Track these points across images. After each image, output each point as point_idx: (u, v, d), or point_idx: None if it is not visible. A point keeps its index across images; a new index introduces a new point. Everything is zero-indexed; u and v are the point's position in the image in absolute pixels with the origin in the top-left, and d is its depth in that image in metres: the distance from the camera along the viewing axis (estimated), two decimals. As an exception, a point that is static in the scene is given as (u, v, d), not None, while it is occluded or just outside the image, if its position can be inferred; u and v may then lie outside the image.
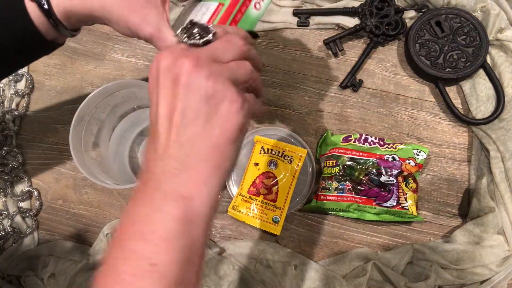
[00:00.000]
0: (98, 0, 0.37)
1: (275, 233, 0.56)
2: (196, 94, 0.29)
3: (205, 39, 0.31)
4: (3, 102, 0.63)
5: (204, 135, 0.29)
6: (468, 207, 0.57)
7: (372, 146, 0.57)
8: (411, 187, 0.55)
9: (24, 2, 0.37)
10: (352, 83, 0.60)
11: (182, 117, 0.29)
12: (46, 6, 0.37)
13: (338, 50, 0.60)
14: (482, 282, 0.53)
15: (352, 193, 0.55)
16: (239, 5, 0.37)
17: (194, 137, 0.29)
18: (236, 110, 0.29)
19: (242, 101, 0.30)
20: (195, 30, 0.32)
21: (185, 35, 0.32)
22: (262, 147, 0.59)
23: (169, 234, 0.28)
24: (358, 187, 0.55)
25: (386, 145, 0.57)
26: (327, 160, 0.57)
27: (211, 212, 0.30)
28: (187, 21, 0.33)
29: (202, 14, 0.39)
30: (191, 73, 0.29)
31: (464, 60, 0.57)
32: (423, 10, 0.60)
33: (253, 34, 0.36)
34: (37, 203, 0.60)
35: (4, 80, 0.63)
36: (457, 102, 0.59)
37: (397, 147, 0.56)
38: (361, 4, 0.61)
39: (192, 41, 0.31)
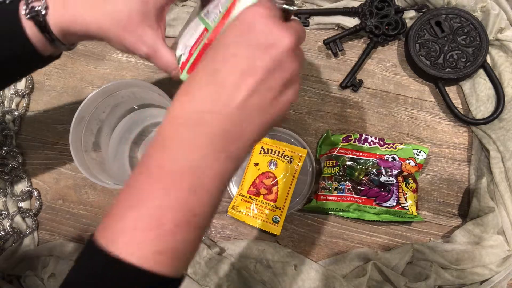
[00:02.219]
0: (94, 22, 0.37)
1: (275, 233, 0.56)
2: (282, 74, 0.30)
3: (295, 8, 0.31)
4: (3, 102, 0.63)
5: (265, 109, 0.30)
6: (468, 207, 0.57)
7: (372, 146, 0.57)
8: (411, 187, 0.55)
9: (21, 21, 0.36)
10: (352, 83, 0.60)
11: (257, 84, 0.29)
12: (42, 21, 0.36)
13: (338, 50, 0.60)
14: (482, 282, 0.53)
15: (352, 193, 0.55)
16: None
17: (256, 107, 0.30)
18: (293, 99, 0.32)
19: (297, 92, 0.32)
20: None
21: None
22: (262, 147, 0.59)
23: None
24: (358, 187, 0.55)
25: (386, 145, 0.57)
26: (327, 160, 0.57)
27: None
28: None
29: (192, 33, 0.39)
30: (288, 53, 0.30)
31: (464, 60, 0.57)
32: (423, 10, 0.60)
33: None
34: (37, 203, 0.60)
35: (4, 80, 0.63)
36: (457, 102, 0.59)
37: (397, 147, 0.56)
38: (361, 4, 0.61)
39: (286, 7, 0.31)
